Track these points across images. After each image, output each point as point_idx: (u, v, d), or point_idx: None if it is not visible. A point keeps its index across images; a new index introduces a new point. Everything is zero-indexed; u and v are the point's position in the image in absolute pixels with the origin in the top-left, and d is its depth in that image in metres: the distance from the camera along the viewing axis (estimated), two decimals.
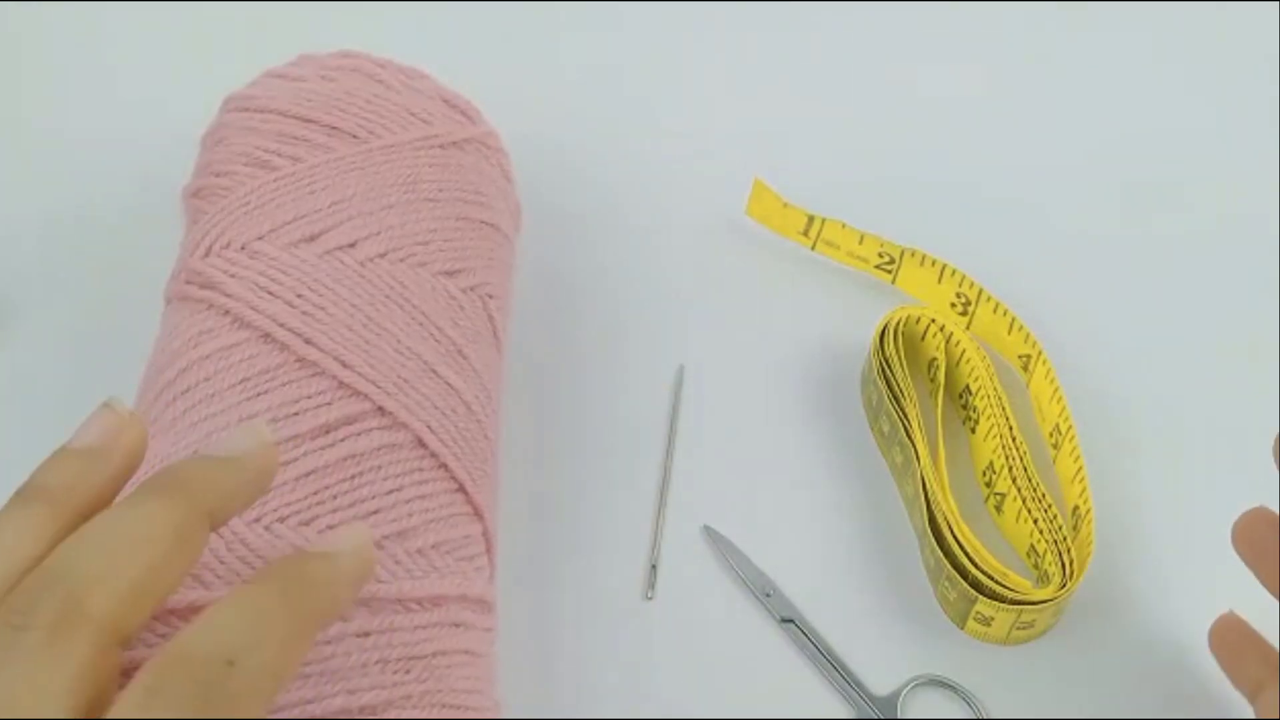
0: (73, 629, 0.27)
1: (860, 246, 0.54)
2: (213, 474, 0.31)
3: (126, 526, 0.29)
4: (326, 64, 0.48)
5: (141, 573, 0.28)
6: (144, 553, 0.29)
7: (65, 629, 0.27)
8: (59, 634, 0.27)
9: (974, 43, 0.64)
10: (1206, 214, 0.59)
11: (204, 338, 0.40)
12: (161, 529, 0.29)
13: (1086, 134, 0.61)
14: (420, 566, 0.38)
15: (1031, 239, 0.58)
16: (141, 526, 0.29)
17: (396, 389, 0.40)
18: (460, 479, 0.41)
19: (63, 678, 0.27)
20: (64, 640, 0.27)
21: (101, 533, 0.29)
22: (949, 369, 0.52)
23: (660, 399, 0.53)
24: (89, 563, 0.28)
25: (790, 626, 0.47)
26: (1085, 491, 0.48)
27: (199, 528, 0.30)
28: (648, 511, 0.50)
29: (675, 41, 0.64)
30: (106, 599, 0.28)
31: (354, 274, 0.42)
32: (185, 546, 0.29)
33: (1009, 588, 0.45)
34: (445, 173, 0.46)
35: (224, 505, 0.31)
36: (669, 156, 0.60)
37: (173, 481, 0.30)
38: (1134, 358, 0.54)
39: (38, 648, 0.27)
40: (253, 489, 0.32)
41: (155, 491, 0.30)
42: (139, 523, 0.29)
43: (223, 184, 0.44)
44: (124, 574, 0.28)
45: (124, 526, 0.29)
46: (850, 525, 0.50)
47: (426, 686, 0.36)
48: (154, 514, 0.29)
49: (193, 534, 0.30)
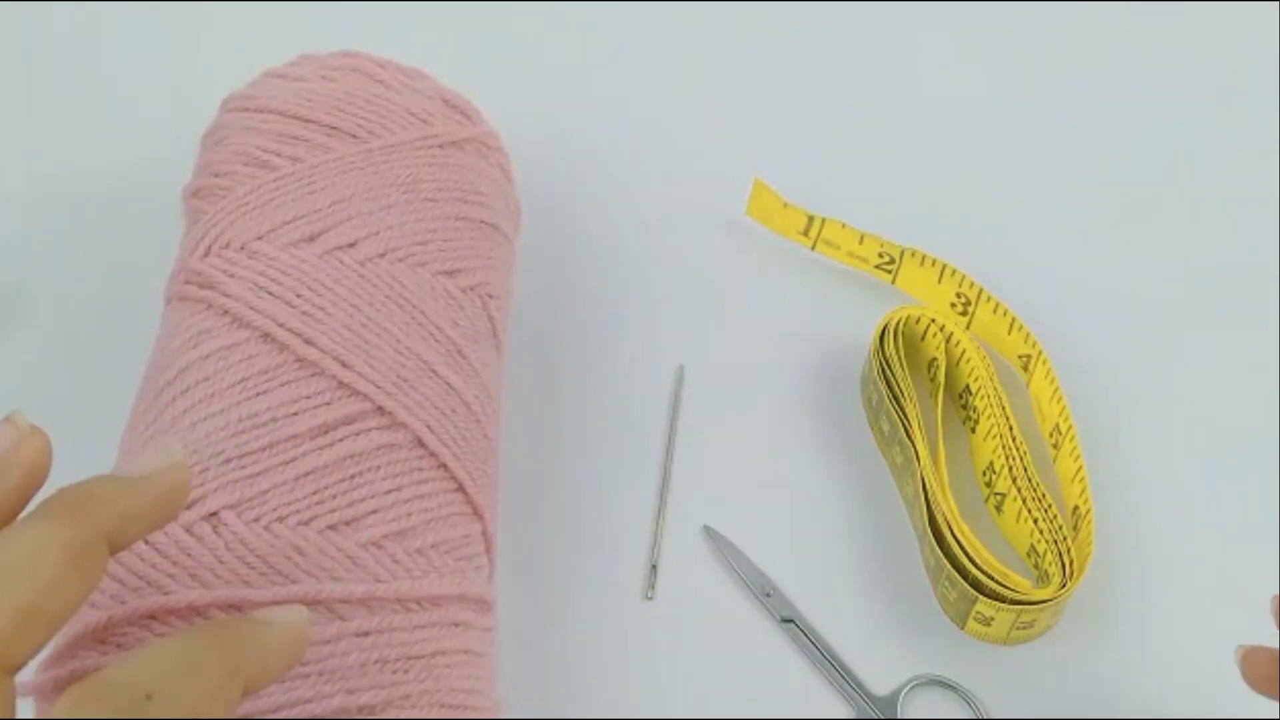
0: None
1: (860, 246, 0.54)
2: (114, 493, 0.30)
3: (13, 551, 0.28)
4: (326, 64, 0.48)
5: (28, 599, 0.27)
6: (31, 578, 0.27)
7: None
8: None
9: (974, 43, 0.64)
10: (1207, 214, 0.59)
11: (203, 338, 0.40)
12: (52, 553, 0.28)
13: (1087, 134, 0.61)
14: (419, 566, 0.38)
15: (1032, 239, 0.58)
16: (28, 550, 0.28)
17: (396, 389, 0.40)
18: (460, 479, 0.41)
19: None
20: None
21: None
22: (949, 369, 0.52)
23: (660, 399, 0.53)
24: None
25: (790, 626, 0.47)
26: (1085, 491, 0.48)
27: (94, 550, 0.29)
28: (648, 511, 0.50)
29: (675, 42, 0.64)
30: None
31: (353, 274, 0.42)
32: (78, 570, 0.28)
33: (1009, 588, 0.45)
34: (445, 173, 0.45)
35: (124, 526, 0.30)
36: (669, 157, 0.60)
37: (68, 502, 0.29)
38: (1134, 358, 0.54)
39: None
40: (161, 509, 0.31)
41: (47, 514, 0.28)
42: (25, 546, 0.28)
43: (222, 184, 0.44)
44: (8, 601, 0.27)
45: (10, 551, 0.28)
46: (850, 525, 0.50)
47: (425, 686, 0.36)
48: (42, 536, 0.28)
49: (87, 557, 0.28)
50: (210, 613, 0.35)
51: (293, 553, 0.37)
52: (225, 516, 0.37)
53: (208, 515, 0.37)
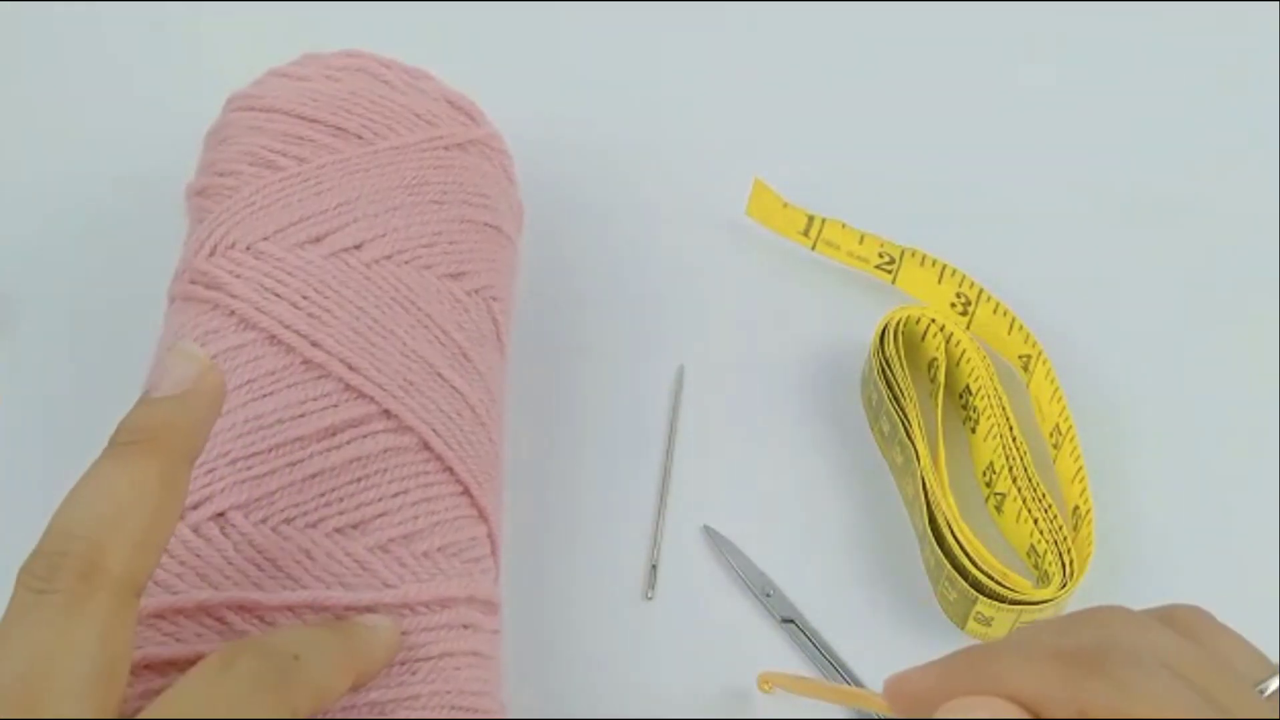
0: (93, 588, 0.29)
1: (860, 246, 0.54)
2: (178, 416, 0.32)
3: (120, 486, 0.31)
4: (331, 63, 0.47)
5: (145, 525, 0.30)
6: (142, 506, 0.30)
7: (86, 588, 0.29)
8: (81, 593, 0.29)
9: (974, 43, 0.64)
10: (1206, 214, 0.59)
11: (210, 338, 0.40)
12: (153, 481, 0.31)
13: (1087, 134, 0.61)
14: (426, 569, 0.39)
15: (1032, 239, 0.58)
16: (132, 483, 0.31)
17: (403, 392, 0.40)
18: (465, 482, 0.41)
19: (91, 633, 0.29)
20: (86, 599, 0.29)
21: (99, 493, 0.31)
22: (949, 369, 0.52)
23: (660, 399, 0.53)
24: (96, 523, 0.30)
25: (790, 626, 0.47)
26: (1085, 491, 0.48)
27: (182, 472, 0.32)
28: (648, 511, 0.50)
29: (676, 42, 0.64)
30: (119, 555, 0.30)
31: (360, 276, 0.42)
32: (174, 492, 0.31)
33: (1009, 588, 0.45)
34: (450, 175, 0.45)
35: (194, 442, 0.33)
36: (669, 157, 0.60)
37: (144, 434, 0.32)
38: (1134, 358, 0.54)
39: (63, 608, 0.29)
40: (211, 414, 0.33)
41: (135, 448, 0.31)
42: (128, 480, 0.31)
43: (227, 183, 0.44)
44: (130, 529, 0.30)
45: (118, 484, 0.31)
46: (850, 525, 0.50)
47: (435, 687, 0.36)
48: (140, 469, 0.31)
49: (178, 479, 0.32)
50: (219, 613, 0.35)
51: (301, 556, 0.37)
52: (233, 517, 0.37)
53: (215, 515, 0.37)
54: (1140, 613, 0.32)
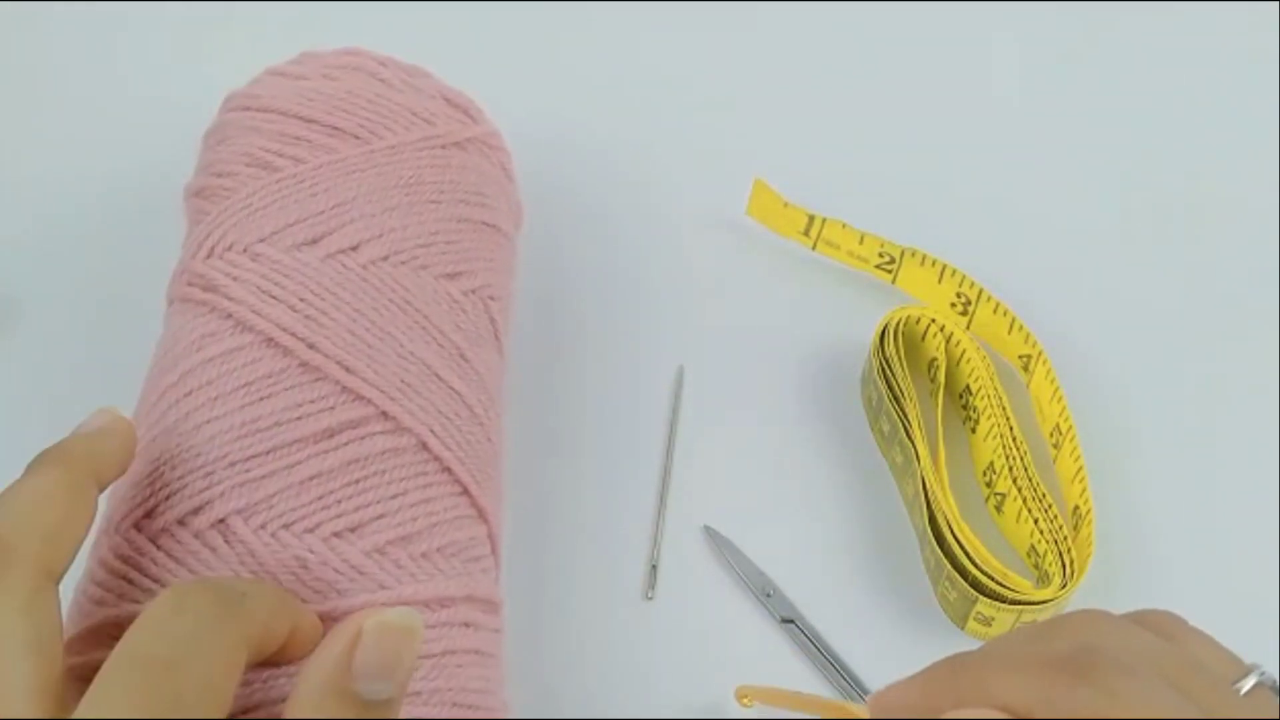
0: (9, 565, 0.32)
1: (860, 246, 0.54)
2: (85, 445, 0.37)
3: (31, 491, 0.34)
4: (328, 62, 0.47)
5: (53, 522, 0.34)
6: (50, 506, 0.34)
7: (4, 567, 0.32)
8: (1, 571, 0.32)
9: (974, 43, 0.64)
10: (1206, 213, 0.59)
11: (207, 341, 0.40)
12: (60, 488, 0.34)
13: (1087, 134, 0.61)
14: (425, 570, 0.38)
15: (1032, 239, 0.58)
16: (41, 489, 0.34)
17: (400, 394, 0.40)
18: (464, 482, 0.41)
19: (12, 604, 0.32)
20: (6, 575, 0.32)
21: (13, 496, 0.34)
22: (949, 369, 0.52)
23: (660, 399, 0.53)
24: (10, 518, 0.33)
25: (790, 626, 0.47)
26: (1085, 491, 0.48)
27: (89, 487, 0.35)
28: (648, 511, 0.50)
29: (676, 41, 0.64)
30: (29, 544, 0.33)
31: (357, 278, 0.42)
32: (81, 500, 0.35)
33: (1009, 588, 0.45)
34: (447, 174, 0.45)
35: (101, 467, 0.36)
36: (670, 157, 0.60)
37: (56, 453, 0.36)
38: (1134, 358, 0.54)
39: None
40: (121, 450, 0.37)
41: (46, 462, 0.35)
42: (38, 487, 0.34)
43: (225, 184, 0.44)
44: (38, 524, 0.33)
45: (29, 491, 0.34)
46: (850, 525, 0.50)
47: (436, 685, 0.36)
48: (48, 479, 0.35)
49: (86, 492, 0.35)
50: None
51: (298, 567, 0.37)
52: (233, 523, 0.37)
53: (216, 522, 0.37)
54: (1117, 616, 0.32)
